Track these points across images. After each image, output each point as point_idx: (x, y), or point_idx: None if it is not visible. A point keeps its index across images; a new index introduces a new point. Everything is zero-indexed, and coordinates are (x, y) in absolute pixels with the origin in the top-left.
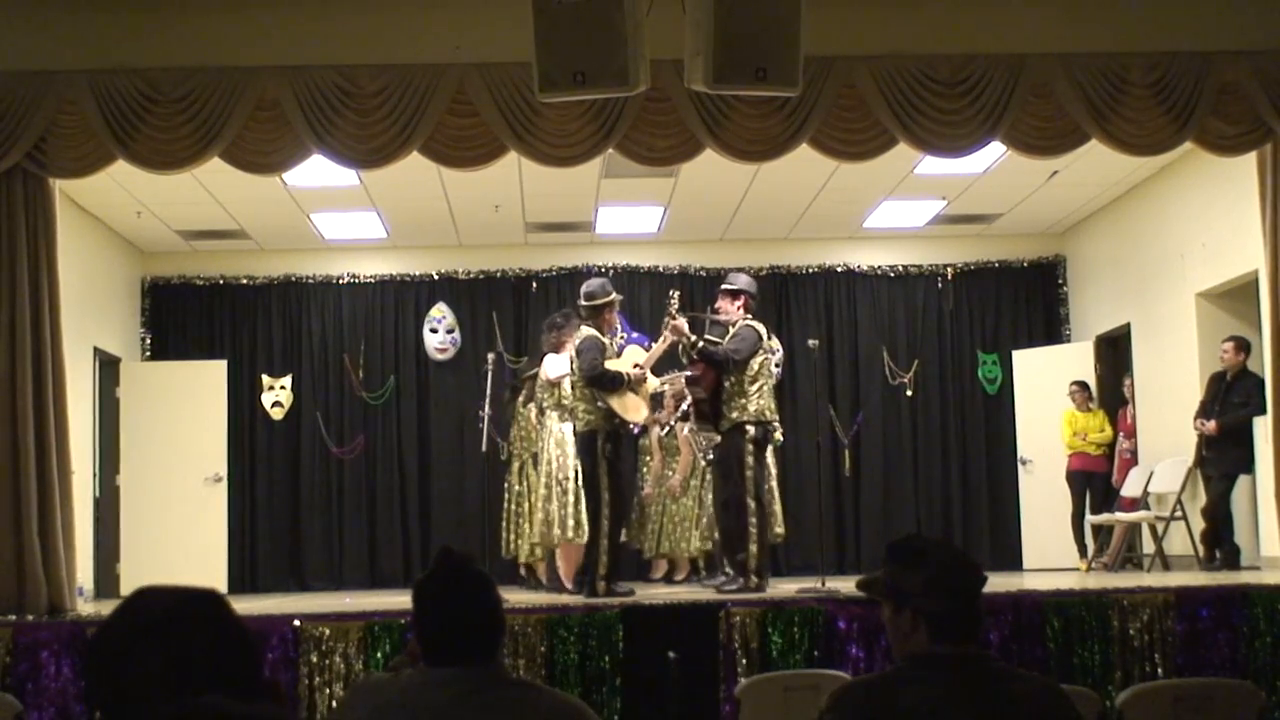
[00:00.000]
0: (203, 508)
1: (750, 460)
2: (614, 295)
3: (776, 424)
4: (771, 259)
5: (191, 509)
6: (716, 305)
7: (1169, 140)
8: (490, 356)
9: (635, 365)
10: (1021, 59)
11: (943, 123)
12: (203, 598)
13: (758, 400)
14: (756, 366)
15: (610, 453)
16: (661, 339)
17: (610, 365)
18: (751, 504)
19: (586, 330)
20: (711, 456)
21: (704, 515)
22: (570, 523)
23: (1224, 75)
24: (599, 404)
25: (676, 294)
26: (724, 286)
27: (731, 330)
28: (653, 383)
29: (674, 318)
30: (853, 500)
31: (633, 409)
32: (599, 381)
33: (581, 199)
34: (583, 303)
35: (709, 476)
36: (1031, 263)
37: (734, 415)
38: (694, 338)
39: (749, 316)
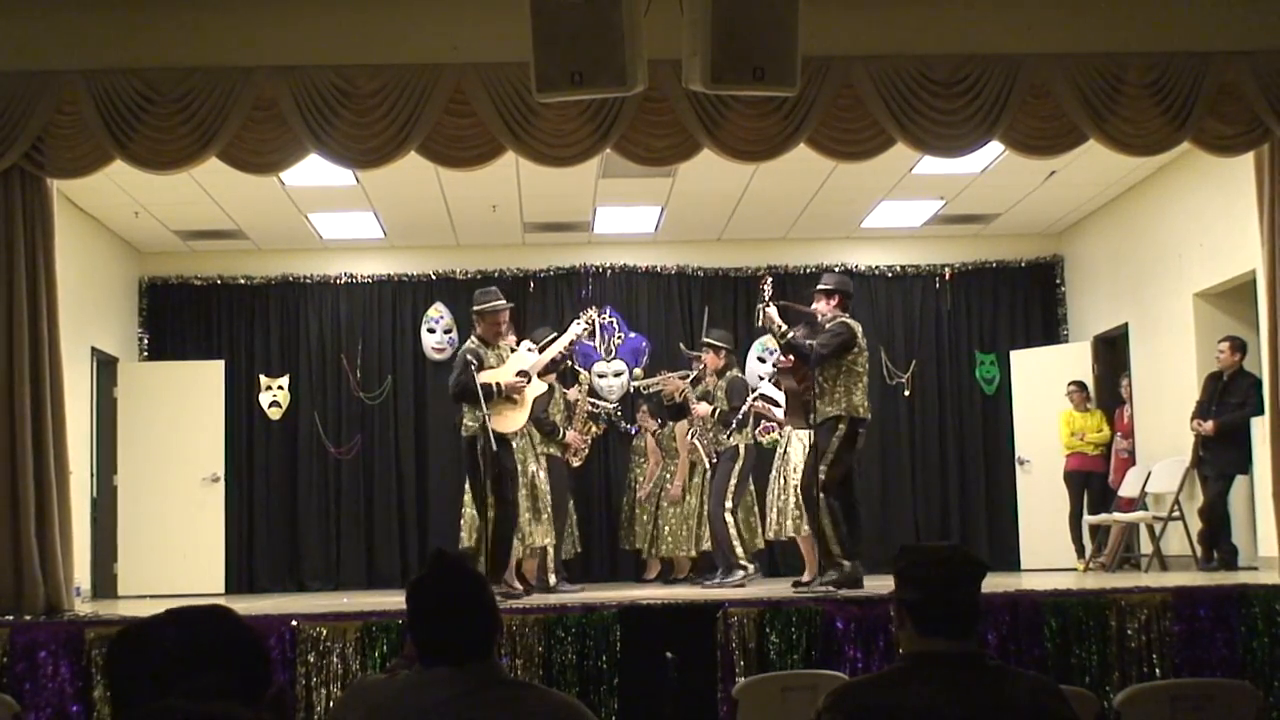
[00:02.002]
0: (200, 508)
1: (832, 455)
2: (502, 303)
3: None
4: (769, 259)
5: (189, 509)
6: (813, 307)
7: (1167, 140)
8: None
9: (519, 373)
10: (1019, 59)
11: (941, 123)
12: (214, 610)
13: (850, 396)
14: (849, 362)
15: (490, 458)
16: (559, 341)
17: (489, 375)
18: (824, 499)
19: (469, 342)
20: (717, 459)
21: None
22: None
23: (1222, 75)
24: (478, 412)
25: (770, 280)
26: (818, 288)
27: (825, 327)
28: (539, 386)
29: (766, 305)
30: None
31: (503, 421)
32: (463, 396)
33: (579, 199)
34: (472, 309)
35: (708, 477)
36: (1029, 263)
37: (827, 410)
38: (784, 327)
39: (845, 313)
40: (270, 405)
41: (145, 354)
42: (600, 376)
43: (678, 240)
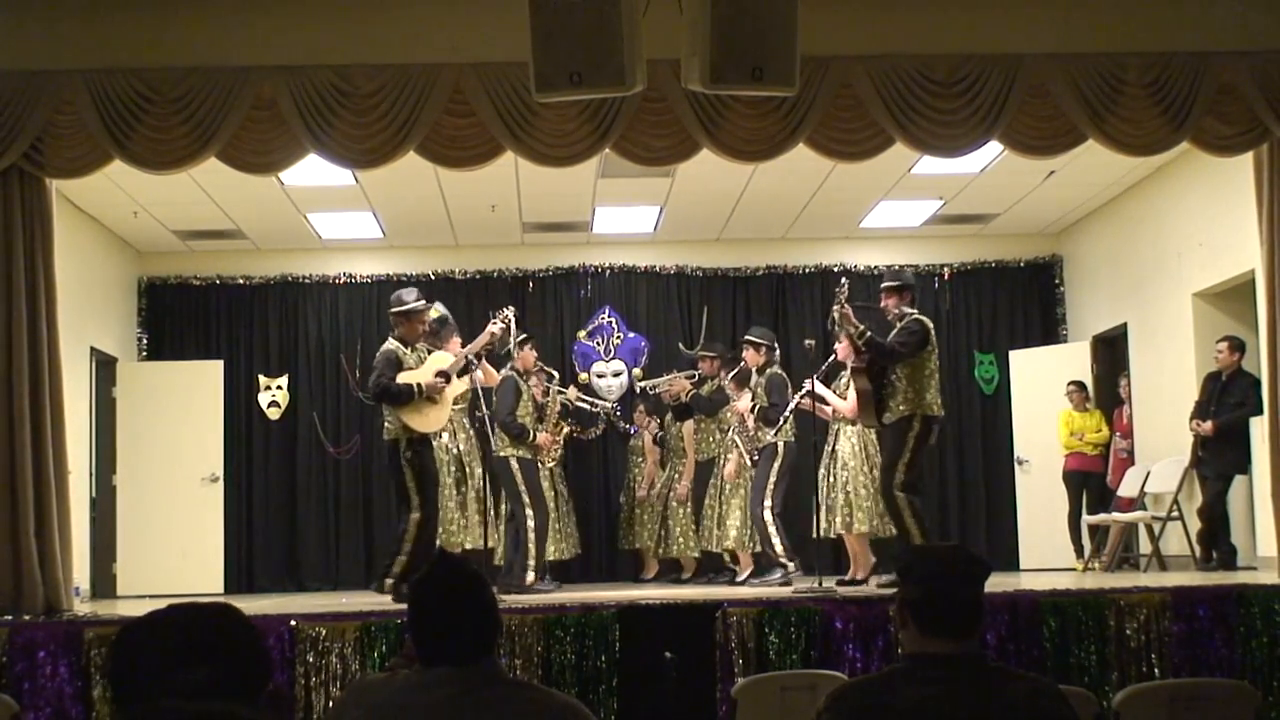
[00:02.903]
0: (199, 508)
1: (908, 455)
2: (424, 303)
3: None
4: (768, 259)
5: (188, 509)
6: (882, 304)
7: (1166, 140)
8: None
9: (438, 373)
10: (1018, 59)
11: (940, 123)
12: (214, 607)
13: (922, 394)
14: (921, 359)
15: (413, 458)
16: (475, 342)
17: (407, 376)
18: (901, 497)
19: (388, 344)
20: (758, 458)
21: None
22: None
23: (1221, 75)
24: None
25: (847, 282)
26: (884, 285)
27: (899, 325)
28: (458, 386)
29: (843, 306)
30: None
31: (424, 421)
32: (383, 397)
33: (578, 199)
34: (390, 310)
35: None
36: (1028, 263)
37: (900, 408)
38: (862, 327)
39: (913, 309)
40: (269, 405)
41: (144, 354)
42: (599, 376)
43: (677, 240)
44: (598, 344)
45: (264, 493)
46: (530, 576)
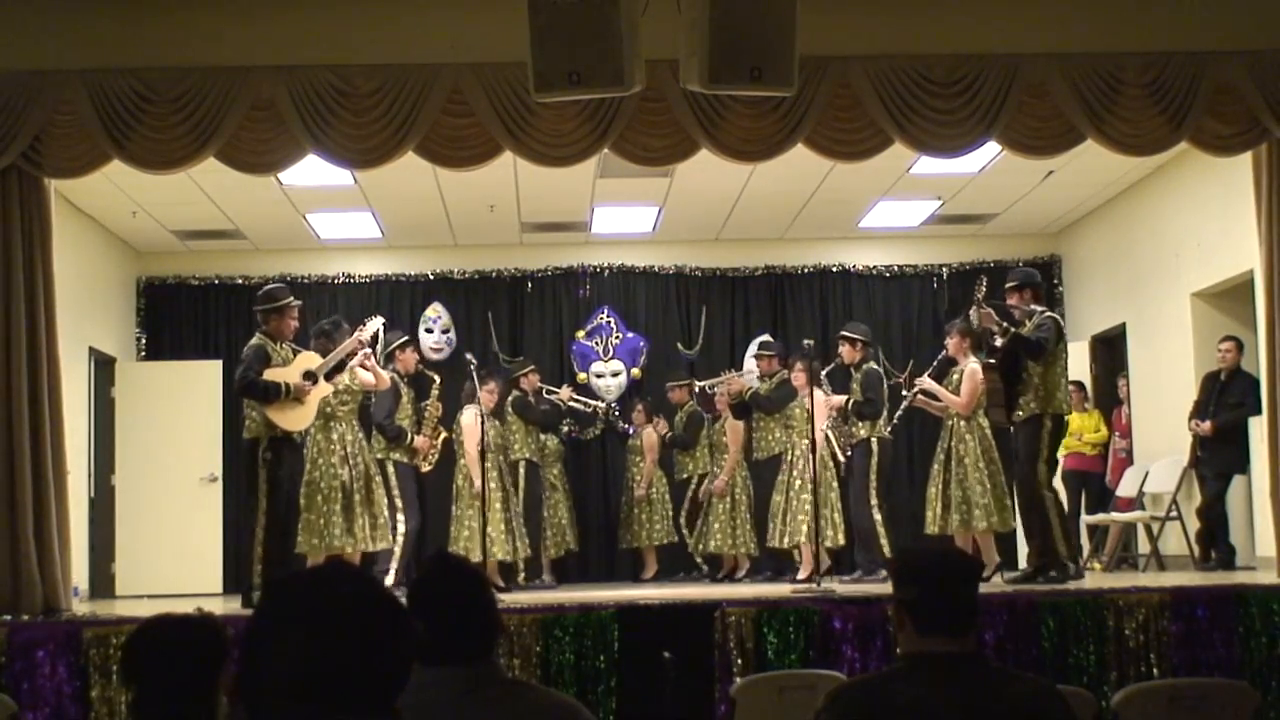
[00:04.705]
0: (198, 508)
1: (1046, 451)
2: (292, 300)
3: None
4: (767, 259)
5: (187, 509)
6: (1009, 302)
7: (1164, 140)
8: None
9: (305, 374)
10: (1017, 59)
11: (938, 123)
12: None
13: (1053, 392)
14: (1055, 356)
15: (271, 460)
16: (340, 347)
17: (275, 374)
18: (1048, 495)
19: (256, 339)
20: (851, 454)
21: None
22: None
23: (1219, 75)
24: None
25: (985, 279)
26: (1009, 283)
27: (1028, 322)
28: (324, 389)
29: (981, 306)
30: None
31: (287, 419)
32: (248, 392)
33: (577, 199)
34: (258, 306)
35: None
36: (1027, 263)
37: (1031, 406)
38: (1005, 324)
39: (1040, 305)
40: None
41: (143, 354)
42: (598, 376)
43: (675, 240)
44: (596, 344)
45: None
46: (390, 579)
